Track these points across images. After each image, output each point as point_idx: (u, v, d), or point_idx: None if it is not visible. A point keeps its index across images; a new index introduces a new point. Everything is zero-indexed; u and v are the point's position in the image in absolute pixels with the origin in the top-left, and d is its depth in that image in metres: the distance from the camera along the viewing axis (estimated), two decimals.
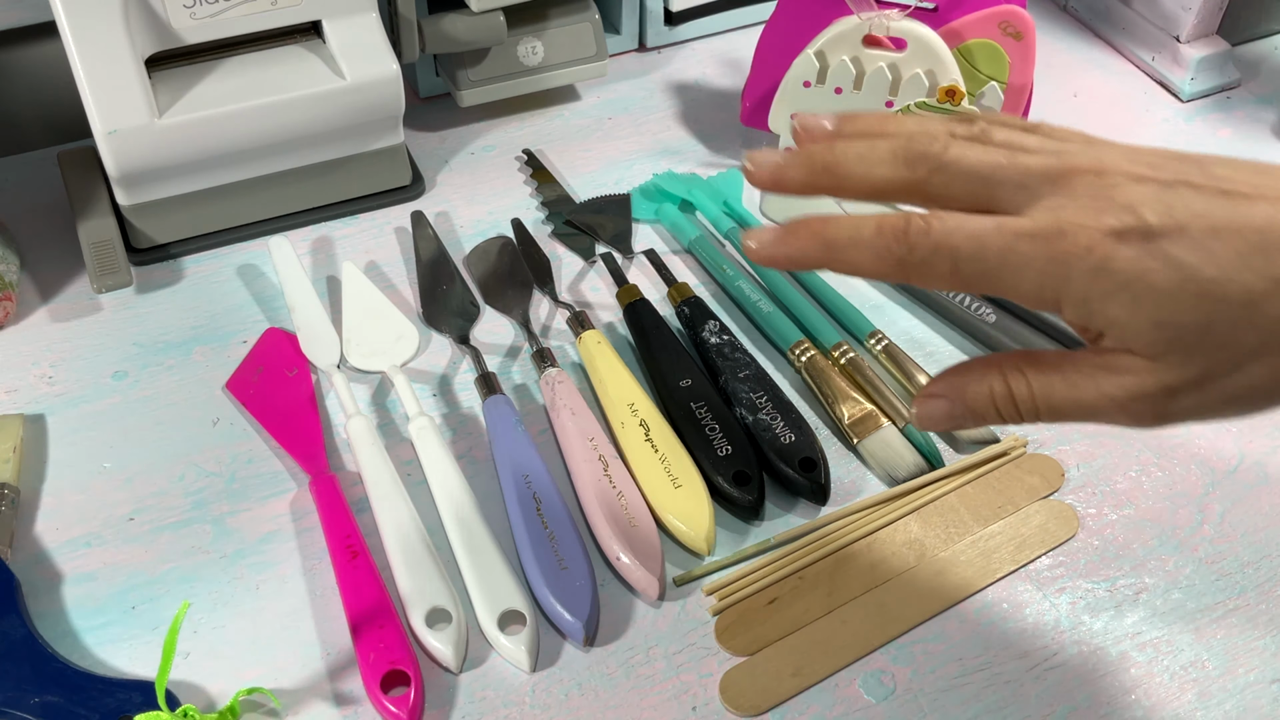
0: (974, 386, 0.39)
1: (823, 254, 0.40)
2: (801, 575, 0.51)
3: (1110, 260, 0.35)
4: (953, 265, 0.37)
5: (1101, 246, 0.35)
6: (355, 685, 0.47)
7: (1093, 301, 0.36)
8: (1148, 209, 0.36)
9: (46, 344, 0.61)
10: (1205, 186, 0.36)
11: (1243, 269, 0.35)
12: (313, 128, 0.63)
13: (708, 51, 0.81)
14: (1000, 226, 0.36)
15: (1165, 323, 0.35)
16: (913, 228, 0.38)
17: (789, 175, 0.41)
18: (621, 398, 0.56)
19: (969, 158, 0.38)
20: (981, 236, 0.37)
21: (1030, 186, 0.37)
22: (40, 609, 0.50)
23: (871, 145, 0.40)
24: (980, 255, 0.36)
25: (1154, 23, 0.78)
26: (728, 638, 0.48)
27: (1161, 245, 0.35)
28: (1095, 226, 0.36)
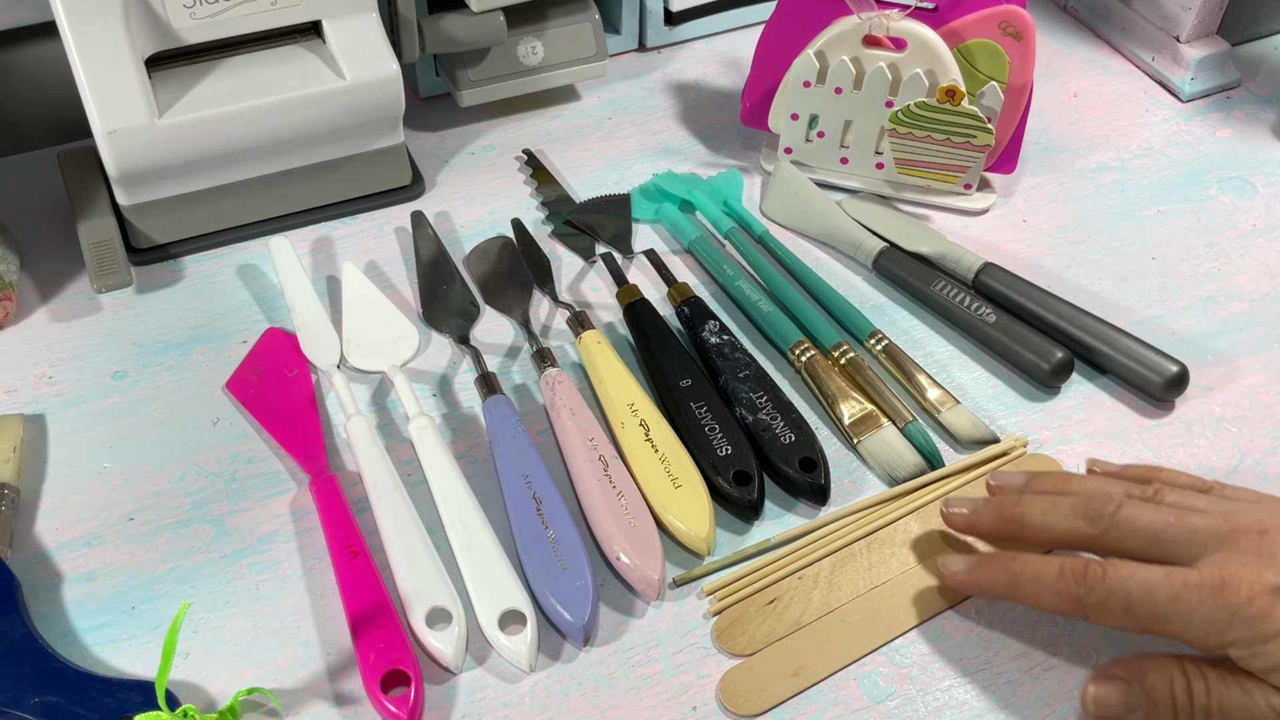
0: (1154, 676, 0.43)
1: (1009, 589, 0.46)
2: (801, 575, 0.51)
3: (1270, 610, 0.40)
4: (1126, 607, 0.42)
5: (1261, 598, 0.40)
6: (355, 685, 0.47)
7: (1255, 644, 0.40)
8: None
9: (46, 344, 0.61)
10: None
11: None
12: (313, 128, 0.63)
13: (708, 51, 0.81)
14: (1170, 576, 0.42)
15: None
16: (1090, 573, 0.43)
17: (982, 521, 0.48)
18: (621, 398, 0.56)
19: (1140, 518, 0.43)
20: (1152, 584, 0.42)
21: (1199, 543, 0.42)
22: (40, 609, 0.50)
23: (1055, 503, 0.46)
24: (1151, 600, 0.42)
25: (1154, 23, 0.78)
26: (727, 638, 0.48)
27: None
28: (1256, 580, 0.40)
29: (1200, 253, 0.67)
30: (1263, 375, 0.60)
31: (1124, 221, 0.69)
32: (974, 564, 0.47)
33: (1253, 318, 0.63)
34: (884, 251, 0.64)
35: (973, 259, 0.63)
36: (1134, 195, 0.70)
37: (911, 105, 0.64)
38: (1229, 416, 0.58)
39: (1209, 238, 0.67)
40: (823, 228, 0.67)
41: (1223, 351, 0.61)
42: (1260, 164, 0.72)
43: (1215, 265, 0.66)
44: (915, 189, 0.68)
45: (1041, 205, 0.70)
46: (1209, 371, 0.60)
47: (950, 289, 0.62)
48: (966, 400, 0.58)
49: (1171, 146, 0.74)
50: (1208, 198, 0.70)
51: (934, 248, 0.64)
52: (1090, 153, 0.73)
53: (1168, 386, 0.57)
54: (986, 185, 0.70)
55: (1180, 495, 0.45)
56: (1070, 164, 0.72)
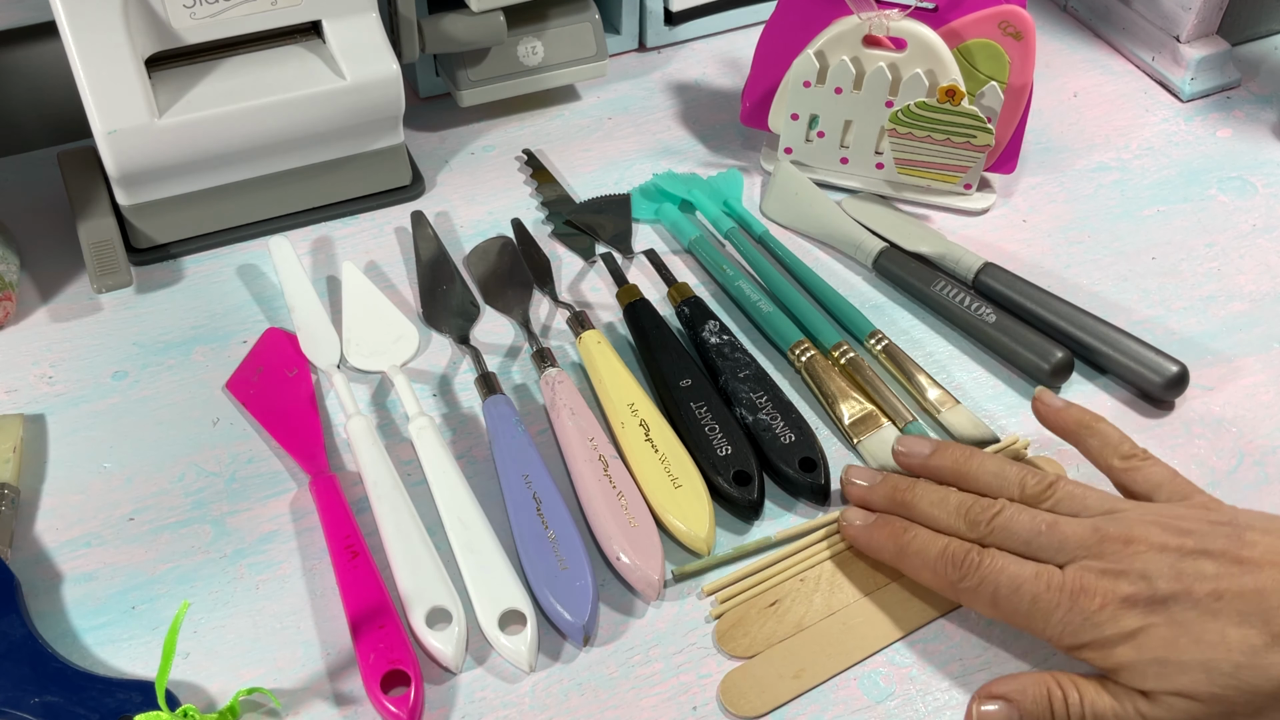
0: (1033, 690, 0.45)
1: (894, 556, 0.49)
2: (803, 578, 0.50)
3: (1118, 617, 0.43)
4: (993, 598, 0.45)
5: (1112, 606, 0.43)
6: (355, 685, 0.47)
7: (1105, 647, 0.43)
8: (1159, 577, 0.43)
9: (46, 344, 0.61)
10: (1224, 555, 0.43)
11: (1242, 624, 0.41)
12: (313, 128, 0.63)
13: (708, 51, 0.81)
14: (1037, 575, 0.45)
15: (1166, 661, 0.42)
16: (968, 560, 0.46)
17: (875, 499, 0.51)
18: (621, 397, 0.56)
19: (1015, 525, 0.46)
20: (1019, 581, 0.45)
21: (1067, 550, 0.45)
22: (40, 609, 0.50)
23: (944, 498, 0.49)
24: (1016, 596, 0.45)
25: (1154, 23, 0.78)
26: (728, 640, 0.48)
27: (1168, 607, 0.43)
28: (1110, 589, 0.43)
29: (1200, 253, 0.67)
30: (1263, 375, 0.60)
31: (1124, 221, 0.69)
32: (871, 525, 0.50)
33: (1253, 318, 0.63)
34: (884, 251, 0.64)
35: (973, 259, 0.63)
36: (1134, 195, 0.70)
37: (911, 105, 0.64)
38: (1229, 416, 0.58)
39: (1209, 238, 0.67)
40: (823, 228, 0.67)
41: (1223, 351, 0.61)
42: (1260, 164, 0.72)
43: (1215, 265, 0.66)
44: (915, 189, 0.68)
45: (1041, 205, 0.70)
46: (1209, 371, 0.60)
47: (950, 289, 0.62)
48: (966, 400, 0.58)
49: (1171, 146, 0.74)
50: (1208, 198, 0.70)
51: (934, 248, 0.64)
52: (1090, 153, 0.73)
53: (1168, 386, 0.57)
54: (986, 185, 0.70)
55: (1072, 493, 0.47)
56: (1070, 164, 0.72)
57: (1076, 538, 0.45)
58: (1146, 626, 0.42)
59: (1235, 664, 0.41)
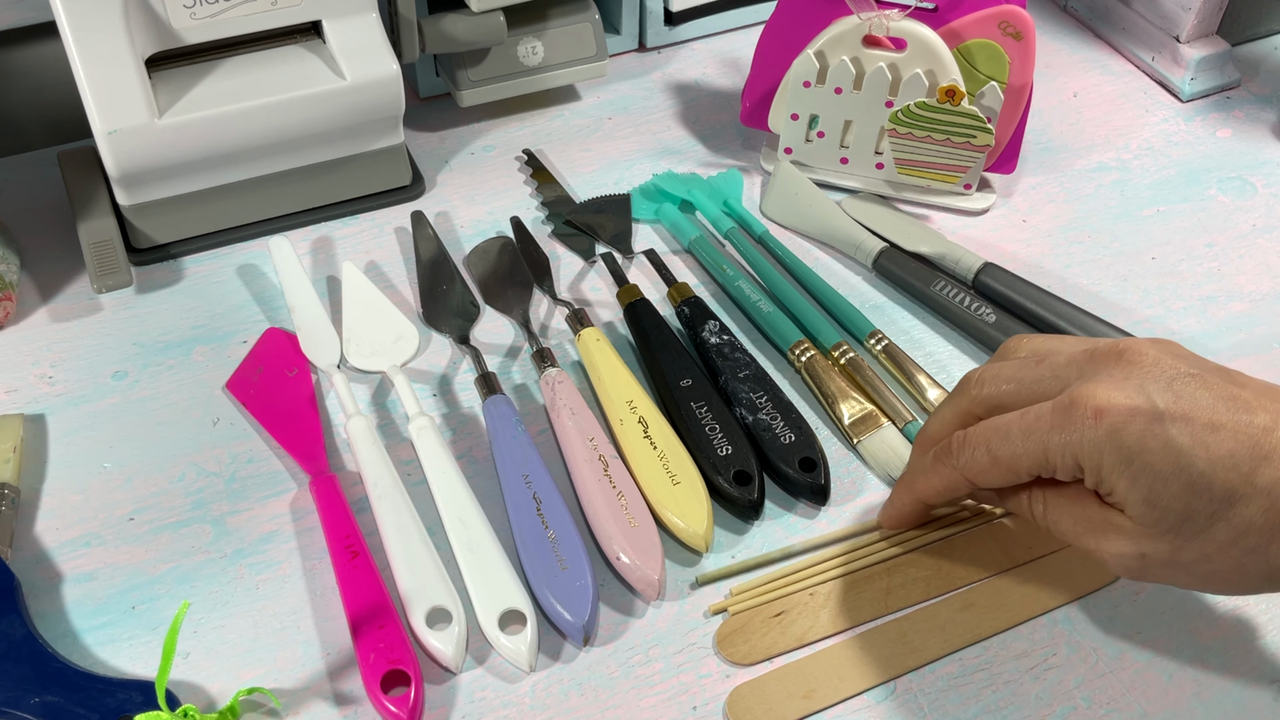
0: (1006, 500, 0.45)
1: (914, 504, 0.49)
2: (813, 592, 0.50)
3: (1118, 431, 0.41)
4: (989, 454, 0.44)
5: (1109, 414, 0.41)
6: (355, 685, 0.47)
7: (1102, 470, 0.41)
8: (1157, 393, 0.41)
9: (46, 344, 0.61)
10: (1217, 387, 0.41)
11: (1230, 468, 0.40)
12: (313, 128, 0.63)
13: (708, 51, 0.81)
14: (1023, 414, 0.43)
15: (1153, 503, 0.41)
16: (954, 441, 0.45)
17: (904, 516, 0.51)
18: (620, 395, 0.56)
19: (1003, 371, 0.45)
20: (1005, 426, 0.43)
21: (1060, 376, 0.43)
22: (40, 609, 0.50)
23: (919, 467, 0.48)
24: (1008, 440, 0.43)
25: (1154, 23, 0.78)
26: (728, 645, 0.48)
27: (1166, 427, 0.40)
28: (1105, 397, 0.41)
29: (1200, 253, 0.67)
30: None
31: (1124, 221, 0.69)
32: (890, 500, 0.50)
33: (1253, 318, 0.63)
34: (884, 251, 0.64)
35: (973, 259, 0.63)
36: (1134, 195, 0.70)
37: (911, 105, 0.64)
38: None
39: (1209, 238, 0.67)
40: (823, 228, 0.67)
41: (1223, 351, 0.61)
42: (1260, 164, 0.72)
43: (1215, 265, 0.66)
44: (915, 189, 0.68)
45: (1041, 205, 0.70)
46: None
47: (950, 289, 0.62)
48: None
49: (1171, 146, 0.74)
50: (1208, 198, 0.70)
51: (934, 248, 0.64)
52: (1090, 153, 0.73)
53: None
54: (986, 185, 0.70)
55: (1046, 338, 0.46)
56: (1070, 164, 0.72)
57: (1068, 357, 0.44)
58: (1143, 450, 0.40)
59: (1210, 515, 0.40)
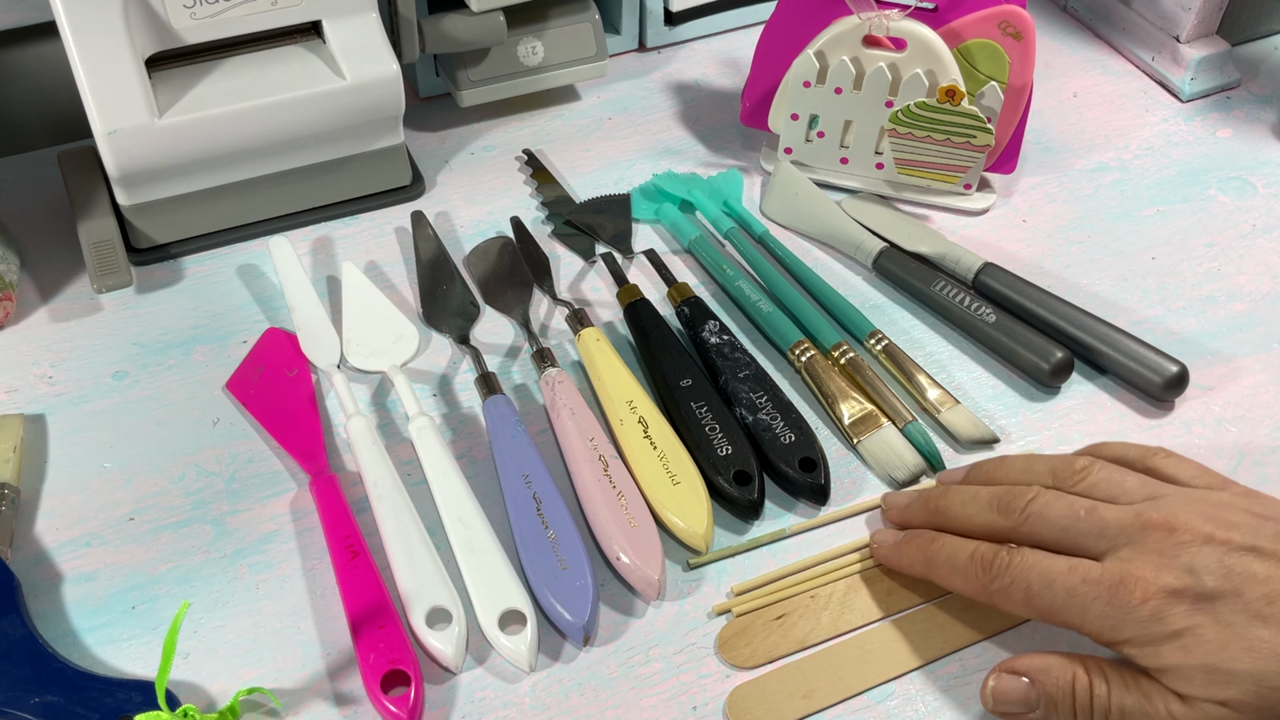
0: (1057, 674, 0.43)
1: (924, 568, 0.48)
2: (814, 594, 0.50)
3: (1162, 613, 0.40)
4: (1026, 597, 0.43)
5: (1156, 600, 0.40)
6: (355, 685, 0.47)
7: (1148, 645, 0.41)
8: (1207, 573, 0.40)
9: (46, 344, 0.61)
10: (1273, 554, 0.41)
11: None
12: (313, 128, 0.63)
13: (708, 51, 0.81)
14: (1072, 569, 0.42)
15: (1216, 670, 0.39)
16: (998, 561, 0.44)
17: (912, 515, 0.50)
18: (620, 395, 0.56)
19: (1051, 511, 0.44)
20: (1052, 576, 0.43)
21: (1107, 536, 0.43)
22: (40, 609, 0.50)
23: (975, 495, 0.47)
24: (1050, 592, 0.42)
25: (1154, 23, 0.78)
26: (730, 648, 0.48)
27: (1215, 606, 0.40)
28: (1154, 581, 0.41)
29: (1200, 253, 0.67)
30: (1263, 375, 0.60)
31: (1124, 221, 0.69)
32: (900, 541, 0.49)
33: (1253, 318, 0.63)
34: (884, 251, 0.64)
35: (973, 259, 0.63)
36: (1134, 195, 0.70)
37: (911, 105, 0.64)
38: (1229, 416, 0.58)
39: (1209, 238, 0.67)
40: (823, 228, 0.67)
41: (1223, 351, 0.61)
42: (1260, 164, 0.72)
43: (1215, 265, 0.66)
44: (915, 189, 0.68)
45: (1041, 205, 0.70)
46: (1209, 371, 0.60)
47: (950, 289, 0.62)
48: (966, 400, 0.58)
49: (1171, 146, 0.74)
50: (1208, 198, 0.70)
51: (934, 248, 0.64)
52: (1090, 153, 0.73)
53: (1168, 386, 0.57)
54: (986, 185, 0.70)
55: (1109, 477, 0.45)
56: (1070, 164, 0.72)
57: (1118, 523, 0.43)
58: (1193, 627, 0.40)
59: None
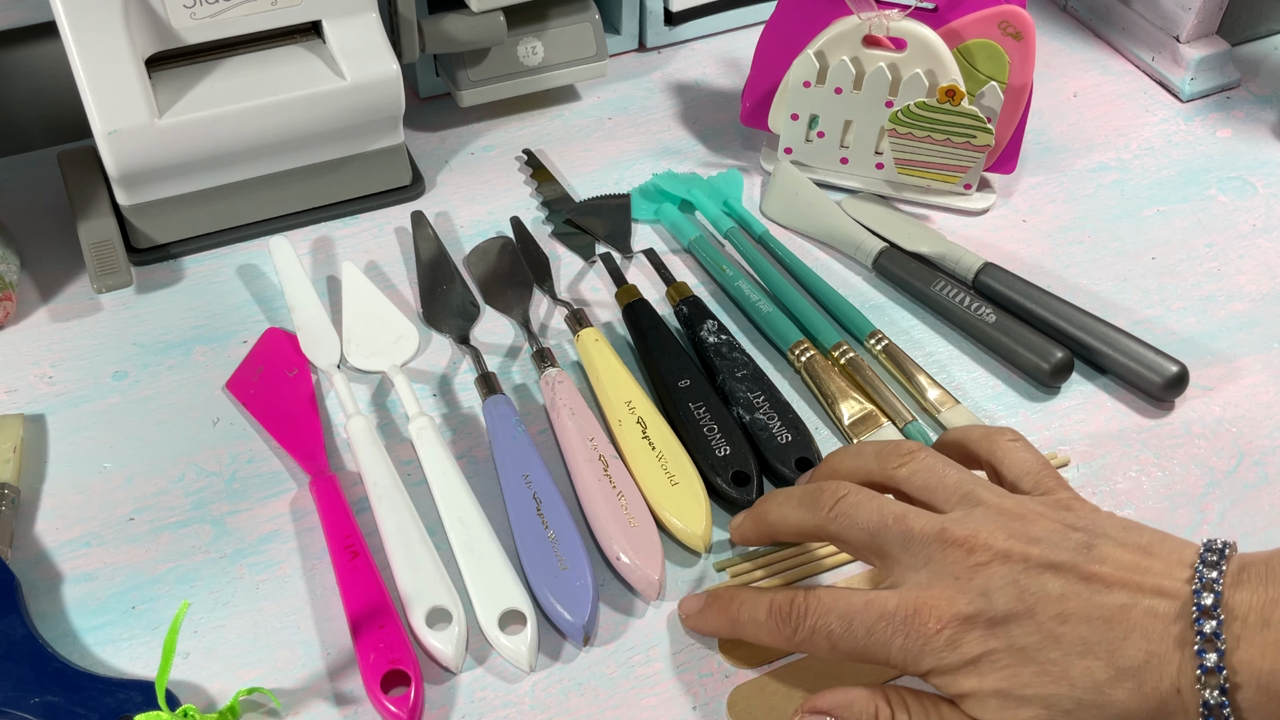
0: (859, 707, 0.42)
1: (730, 629, 0.46)
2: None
3: (957, 641, 0.39)
4: (830, 642, 0.42)
5: (950, 629, 0.40)
6: (355, 685, 0.47)
7: (947, 673, 0.40)
8: (1000, 595, 0.40)
9: (46, 344, 0.61)
10: (1073, 569, 0.39)
11: (1085, 654, 0.38)
12: (313, 128, 0.63)
13: (708, 51, 0.81)
14: (868, 605, 0.41)
15: (1008, 694, 0.39)
16: (794, 608, 0.43)
17: (745, 531, 0.49)
18: (619, 395, 0.56)
19: (859, 513, 0.43)
20: (851, 616, 0.41)
21: (911, 549, 0.42)
22: (40, 609, 0.50)
23: (789, 493, 0.47)
24: (851, 634, 0.41)
25: (1154, 23, 0.78)
26: (731, 649, 0.48)
27: (1008, 629, 0.39)
28: (947, 610, 0.40)
29: (1200, 253, 0.67)
30: (1263, 375, 0.60)
31: (1124, 221, 0.69)
32: (702, 606, 0.48)
33: (1253, 318, 0.63)
34: (884, 251, 0.64)
35: (973, 259, 0.63)
36: (1134, 195, 0.70)
37: (911, 105, 0.64)
38: (1229, 416, 0.58)
39: (1209, 238, 0.67)
40: (823, 228, 0.67)
41: (1223, 351, 0.61)
42: (1260, 164, 0.72)
43: (1215, 265, 0.66)
44: (915, 189, 0.68)
45: (1041, 205, 0.70)
46: (1209, 371, 0.60)
47: (950, 289, 0.62)
48: (966, 400, 0.58)
49: (1171, 146, 0.74)
50: (1208, 198, 0.70)
51: (934, 248, 0.64)
52: (1090, 153, 0.73)
53: (1168, 386, 0.57)
54: (986, 185, 0.70)
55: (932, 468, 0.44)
56: (1070, 164, 0.72)
57: (921, 534, 0.42)
58: (987, 653, 0.39)
59: (1076, 700, 0.38)
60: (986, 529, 0.41)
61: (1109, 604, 0.38)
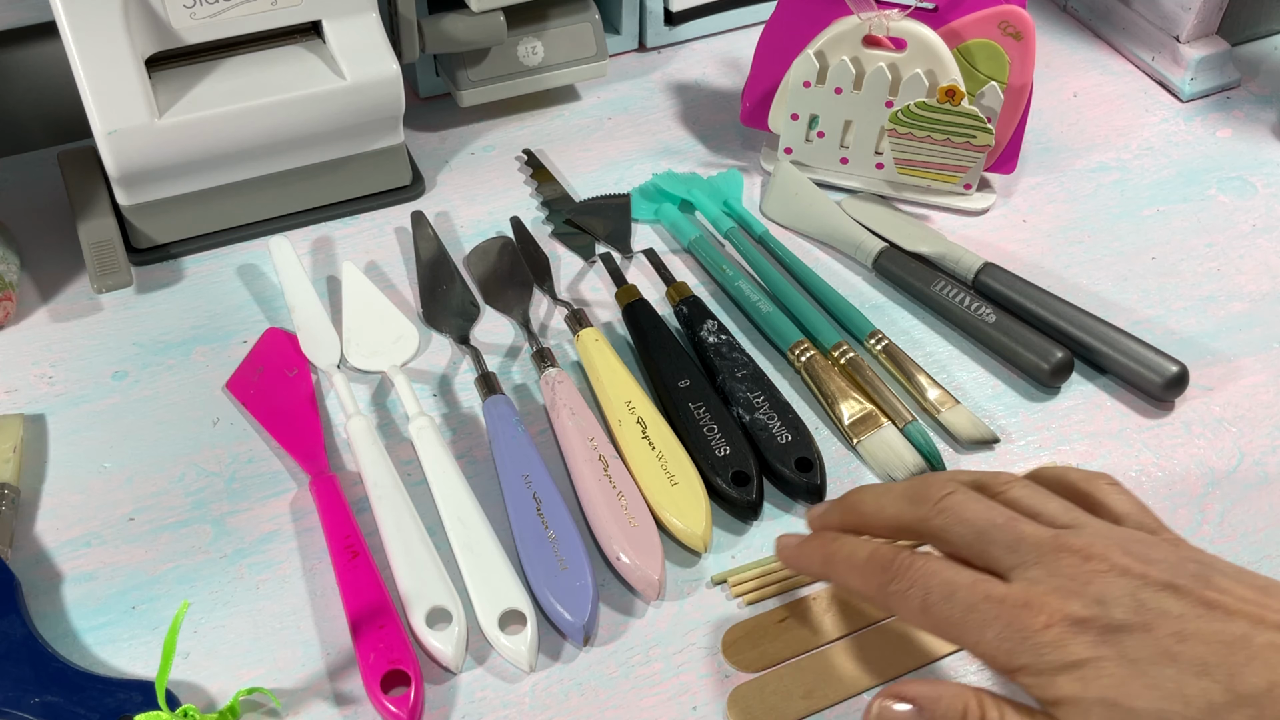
0: (947, 702, 0.39)
1: (823, 567, 0.45)
2: (815, 597, 0.50)
3: (1064, 642, 0.37)
4: (924, 604, 0.40)
5: (1058, 627, 0.37)
6: (355, 685, 0.47)
7: (1044, 674, 0.37)
8: (1117, 605, 0.38)
9: (46, 344, 0.61)
10: (1192, 593, 0.38)
11: (1202, 675, 0.36)
12: (313, 128, 0.63)
13: (708, 51, 0.81)
14: (975, 583, 0.39)
15: (1115, 705, 0.36)
16: (898, 561, 0.41)
17: (829, 518, 0.47)
18: (619, 395, 0.56)
19: (967, 510, 0.41)
20: (954, 586, 0.40)
21: (1020, 551, 0.40)
22: (40, 609, 0.50)
23: (889, 487, 0.45)
24: (948, 603, 0.39)
25: (1154, 23, 0.78)
26: (734, 652, 0.48)
27: (1121, 639, 0.37)
28: (1060, 608, 0.38)
29: (1200, 253, 0.67)
30: (1263, 375, 0.60)
31: (1124, 221, 0.69)
32: (801, 541, 0.46)
33: (1253, 318, 0.63)
34: (884, 251, 0.64)
35: (973, 259, 0.63)
36: (1134, 195, 0.70)
37: (911, 105, 0.64)
38: (1229, 416, 0.58)
39: (1209, 238, 0.67)
40: (823, 228, 0.67)
41: (1223, 351, 0.61)
42: (1260, 164, 0.72)
43: (1215, 265, 0.66)
44: (915, 189, 0.68)
45: (1041, 205, 0.70)
46: (1209, 371, 0.60)
47: (950, 289, 0.62)
48: (966, 400, 0.58)
49: (1171, 146, 0.74)
50: (1208, 198, 0.70)
51: (934, 248, 0.64)
52: (1090, 153, 0.73)
53: (1168, 386, 0.57)
54: (986, 185, 0.70)
55: (1032, 496, 0.43)
56: (1070, 164, 0.72)
57: (1034, 539, 0.40)
58: (1095, 659, 0.37)
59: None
60: (1102, 543, 0.40)
61: (1230, 631, 0.37)
